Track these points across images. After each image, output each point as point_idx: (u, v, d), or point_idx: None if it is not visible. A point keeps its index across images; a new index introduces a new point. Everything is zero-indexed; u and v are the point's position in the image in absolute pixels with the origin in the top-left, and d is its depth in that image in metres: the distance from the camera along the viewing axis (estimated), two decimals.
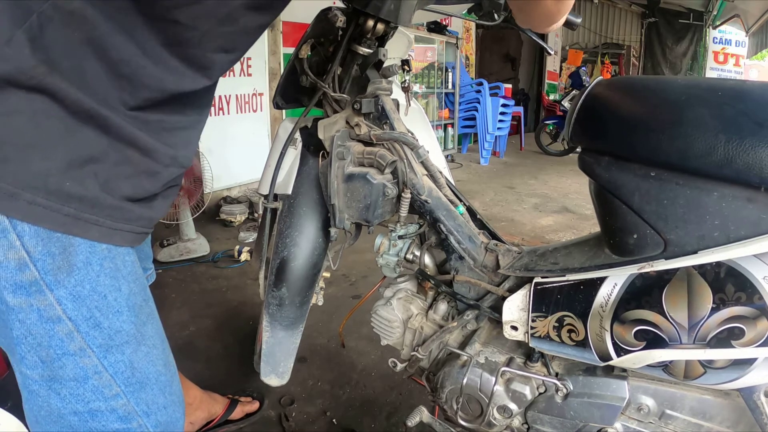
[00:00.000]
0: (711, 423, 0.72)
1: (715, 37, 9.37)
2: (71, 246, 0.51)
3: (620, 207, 0.69)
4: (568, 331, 0.75)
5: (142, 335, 0.60)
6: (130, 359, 0.59)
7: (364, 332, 1.83)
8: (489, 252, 0.90)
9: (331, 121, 0.90)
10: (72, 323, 0.53)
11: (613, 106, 0.71)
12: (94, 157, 0.51)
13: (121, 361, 0.58)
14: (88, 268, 0.53)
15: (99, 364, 0.56)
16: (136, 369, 0.60)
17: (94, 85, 0.50)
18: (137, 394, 0.60)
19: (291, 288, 0.96)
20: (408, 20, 0.89)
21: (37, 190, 0.48)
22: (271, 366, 1.02)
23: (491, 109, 5.74)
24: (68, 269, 0.51)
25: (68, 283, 0.52)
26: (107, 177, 0.52)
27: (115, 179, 0.53)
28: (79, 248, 0.52)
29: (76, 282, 0.52)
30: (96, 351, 0.56)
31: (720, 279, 0.62)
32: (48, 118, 0.48)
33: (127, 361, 0.58)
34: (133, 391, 0.60)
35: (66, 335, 0.53)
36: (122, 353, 0.58)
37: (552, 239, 3.19)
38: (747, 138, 0.58)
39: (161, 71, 0.53)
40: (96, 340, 0.55)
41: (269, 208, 0.97)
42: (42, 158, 0.48)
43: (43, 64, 0.47)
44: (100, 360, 0.56)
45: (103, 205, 0.52)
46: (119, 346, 0.57)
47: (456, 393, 0.85)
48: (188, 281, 2.40)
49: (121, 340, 0.57)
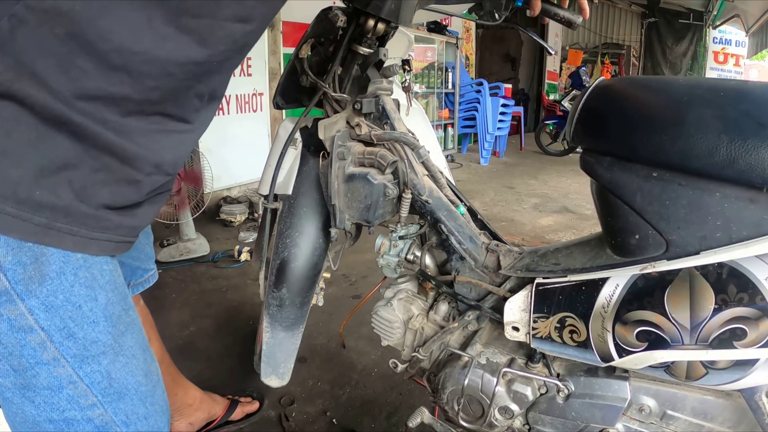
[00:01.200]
0: (712, 423, 0.72)
1: (715, 37, 9.38)
2: (43, 256, 0.50)
3: (622, 207, 0.69)
4: (570, 331, 0.75)
5: (120, 345, 0.59)
6: (107, 369, 0.58)
7: (364, 332, 1.83)
8: (490, 252, 0.90)
9: (332, 121, 0.89)
10: (44, 333, 0.52)
11: (614, 106, 0.70)
12: (69, 164, 0.49)
13: (97, 371, 0.57)
14: (62, 278, 0.52)
15: (74, 374, 0.55)
16: (114, 379, 0.58)
17: (82, 84, 0.48)
18: (115, 405, 0.59)
19: (291, 288, 0.96)
20: (409, 20, 0.89)
21: (6, 199, 0.47)
22: (272, 367, 1.02)
23: (491, 109, 5.74)
24: (40, 279, 0.50)
25: (40, 293, 0.51)
26: (83, 184, 0.50)
27: (91, 187, 0.51)
28: (51, 258, 0.50)
29: (48, 292, 0.51)
30: (70, 361, 0.54)
31: (722, 280, 0.62)
32: (18, 124, 0.46)
33: (104, 372, 0.57)
34: (110, 401, 0.59)
35: (38, 345, 0.52)
36: (99, 363, 0.57)
37: (552, 239, 3.19)
38: (749, 138, 0.58)
39: (164, 49, 0.49)
40: (70, 350, 0.54)
41: (269, 208, 0.97)
42: (11, 165, 0.47)
43: (11, 69, 0.45)
44: (74, 370, 0.55)
45: (78, 213, 0.50)
46: (95, 356, 0.56)
47: (457, 394, 0.85)
48: (188, 281, 2.39)
49: (97, 350, 0.56)
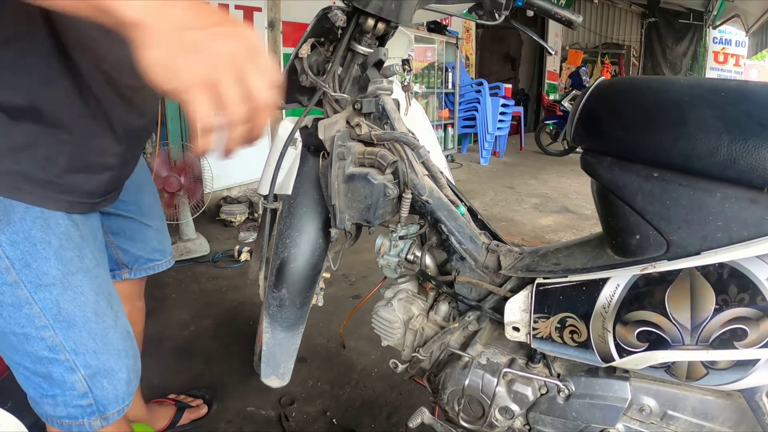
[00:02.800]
0: (713, 424, 0.72)
1: (715, 37, 9.38)
2: (11, 206, 0.68)
3: (623, 207, 0.69)
4: (571, 332, 0.75)
5: (69, 282, 0.73)
6: (57, 299, 0.72)
7: (364, 332, 1.83)
8: (490, 253, 0.90)
9: (332, 121, 0.89)
10: (9, 261, 0.68)
11: (615, 106, 0.70)
12: (30, 143, 0.67)
13: (48, 298, 0.71)
14: (23, 223, 0.68)
15: (30, 297, 0.70)
16: (62, 309, 0.72)
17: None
18: (65, 332, 0.73)
19: (291, 289, 0.96)
20: (408, 19, 0.88)
21: None
22: (272, 367, 1.01)
23: (491, 109, 5.74)
24: (7, 222, 0.68)
25: (7, 231, 0.68)
26: (45, 155, 0.68)
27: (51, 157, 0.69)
28: (16, 208, 0.68)
29: (12, 231, 0.68)
30: (27, 286, 0.70)
31: (723, 280, 0.62)
32: None
33: (53, 300, 0.72)
34: (60, 328, 0.73)
35: (4, 269, 0.69)
36: (50, 292, 0.71)
37: (552, 239, 3.19)
38: (750, 139, 0.58)
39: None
40: (27, 276, 0.70)
41: (269, 208, 0.97)
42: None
43: None
44: (30, 294, 0.70)
45: (37, 179, 0.68)
46: (47, 286, 0.71)
47: (457, 394, 0.85)
48: (188, 281, 2.39)
49: (47, 281, 0.71)
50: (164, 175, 2.55)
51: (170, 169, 2.59)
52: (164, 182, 2.54)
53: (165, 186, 2.55)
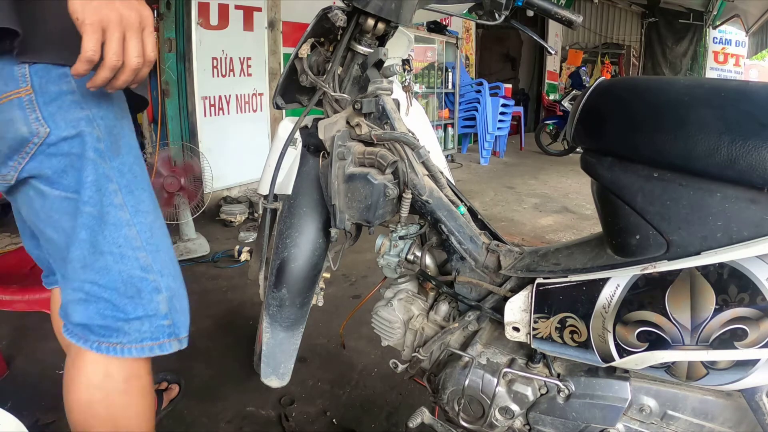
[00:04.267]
0: (713, 424, 0.72)
1: (715, 37, 9.38)
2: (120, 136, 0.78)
3: (623, 207, 0.69)
4: (571, 332, 0.75)
5: (158, 213, 0.84)
6: (151, 225, 0.81)
7: (364, 332, 1.83)
8: (490, 253, 0.90)
9: (332, 121, 0.89)
10: (116, 185, 0.77)
11: (615, 106, 0.70)
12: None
13: (144, 222, 0.80)
14: (128, 156, 0.79)
15: (131, 219, 0.78)
16: (154, 235, 0.81)
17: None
18: (154, 255, 0.81)
19: (291, 289, 0.96)
20: (409, 19, 0.88)
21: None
22: (272, 367, 1.01)
23: (491, 109, 5.74)
24: (117, 153, 0.77)
25: (117, 161, 0.77)
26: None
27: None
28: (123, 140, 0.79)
29: (120, 162, 0.78)
30: (129, 209, 0.78)
31: (723, 280, 0.62)
32: None
33: (148, 224, 0.80)
34: (151, 251, 0.80)
35: (113, 191, 0.77)
36: (146, 217, 0.80)
37: (552, 239, 3.19)
38: (750, 139, 0.58)
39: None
40: (130, 201, 0.78)
41: (269, 208, 0.97)
42: None
43: None
44: (131, 216, 0.78)
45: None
46: (144, 212, 0.80)
47: (458, 394, 0.85)
48: (188, 281, 2.37)
49: (145, 208, 0.81)
50: (164, 175, 2.55)
51: (170, 170, 2.59)
52: (164, 182, 2.54)
53: (165, 186, 2.55)
